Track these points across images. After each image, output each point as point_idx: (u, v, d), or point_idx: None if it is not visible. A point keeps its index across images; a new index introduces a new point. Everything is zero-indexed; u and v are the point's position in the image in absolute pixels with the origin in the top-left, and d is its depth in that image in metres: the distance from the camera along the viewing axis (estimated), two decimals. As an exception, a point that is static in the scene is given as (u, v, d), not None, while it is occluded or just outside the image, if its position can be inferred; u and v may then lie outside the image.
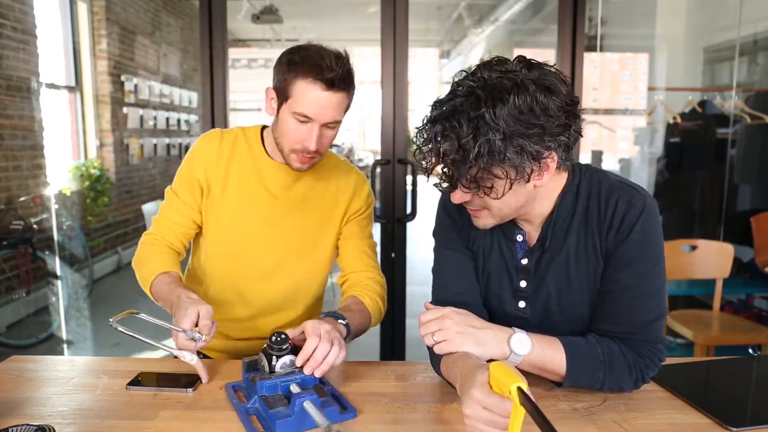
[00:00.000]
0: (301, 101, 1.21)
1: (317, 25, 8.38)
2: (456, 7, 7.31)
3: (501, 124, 0.88)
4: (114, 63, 5.48)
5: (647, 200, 1.03)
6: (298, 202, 1.38)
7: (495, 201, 0.97)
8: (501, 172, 0.93)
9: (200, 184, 1.36)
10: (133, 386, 1.09)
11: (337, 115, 1.24)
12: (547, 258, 1.09)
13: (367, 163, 10.55)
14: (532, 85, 0.90)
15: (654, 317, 1.05)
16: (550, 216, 1.07)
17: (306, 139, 1.23)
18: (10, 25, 3.95)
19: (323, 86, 1.19)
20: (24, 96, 4.10)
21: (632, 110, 4.57)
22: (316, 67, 1.18)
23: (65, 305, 3.96)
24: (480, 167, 0.91)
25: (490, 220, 1.04)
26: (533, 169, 0.93)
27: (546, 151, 0.92)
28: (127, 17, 5.76)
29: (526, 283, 1.12)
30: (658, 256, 1.04)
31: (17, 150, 4.03)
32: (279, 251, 1.38)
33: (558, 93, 0.92)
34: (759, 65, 4.15)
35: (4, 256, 3.83)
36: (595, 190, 1.06)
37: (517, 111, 0.89)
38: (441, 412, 0.99)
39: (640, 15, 4.75)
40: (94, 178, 5.20)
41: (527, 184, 0.96)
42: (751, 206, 3.69)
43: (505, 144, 0.89)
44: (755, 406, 1.03)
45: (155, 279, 1.27)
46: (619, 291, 1.05)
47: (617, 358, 1.03)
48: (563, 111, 0.92)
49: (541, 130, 0.90)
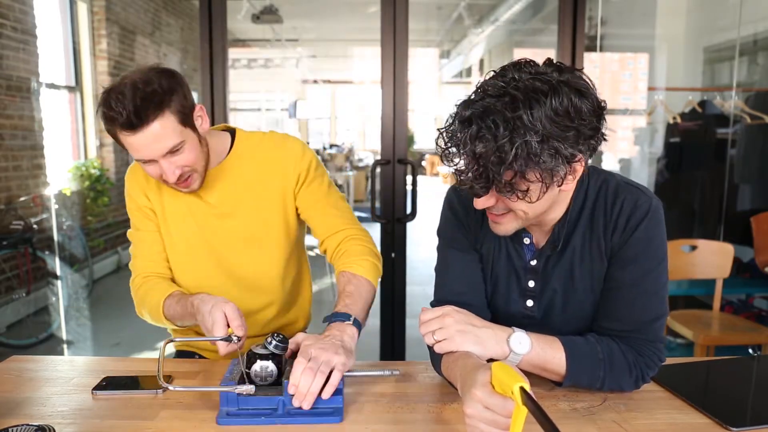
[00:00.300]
0: (129, 149, 1.17)
1: (317, 25, 8.38)
2: (456, 7, 7.31)
3: (538, 125, 0.86)
4: (114, 63, 5.48)
5: (653, 201, 1.04)
6: (229, 198, 1.34)
7: (523, 205, 0.95)
8: (534, 176, 0.91)
9: (151, 209, 1.36)
10: (100, 390, 1.07)
11: (166, 143, 1.15)
12: (555, 258, 1.10)
13: (367, 163, 10.56)
14: (565, 87, 0.89)
15: (655, 316, 1.05)
16: (562, 219, 1.07)
17: (162, 175, 1.20)
18: (10, 25, 3.95)
19: (128, 132, 1.12)
20: (24, 96, 4.10)
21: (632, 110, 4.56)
22: (110, 119, 1.12)
23: (65, 305, 3.96)
24: (516, 170, 0.88)
25: (513, 225, 1.02)
26: (566, 173, 0.92)
27: (578, 154, 0.92)
28: (127, 17, 5.76)
29: (534, 283, 1.12)
30: (662, 255, 1.05)
31: (17, 150, 4.03)
32: (229, 253, 1.36)
33: (589, 96, 0.91)
34: (759, 65, 4.15)
35: (4, 256, 3.83)
36: (602, 192, 1.06)
37: (553, 113, 0.87)
38: (441, 412, 0.99)
39: (640, 15, 4.75)
40: (94, 178, 5.20)
41: (554, 189, 0.95)
42: (751, 206, 3.69)
43: (542, 146, 0.87)
44: (755, 406, 1.03)
45: (164, 306, 1.27)
46: (621, 288, 1.05)
47: (617, 356, 1.03)
48: (594, 114, 0.92)
49: (576, 133, 0.90)
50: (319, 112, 13.66)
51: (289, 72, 10.76)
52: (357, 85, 12.79)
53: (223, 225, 1.36)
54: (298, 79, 12.25)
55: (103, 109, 1.13)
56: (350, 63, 11.47)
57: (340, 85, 13.97)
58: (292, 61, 10.29)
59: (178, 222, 1.36)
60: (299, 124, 12.86)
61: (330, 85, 13.90)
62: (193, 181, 1.25)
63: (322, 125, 14.26)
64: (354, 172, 9.36)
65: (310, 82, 13.17)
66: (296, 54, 10.11)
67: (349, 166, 9.93)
